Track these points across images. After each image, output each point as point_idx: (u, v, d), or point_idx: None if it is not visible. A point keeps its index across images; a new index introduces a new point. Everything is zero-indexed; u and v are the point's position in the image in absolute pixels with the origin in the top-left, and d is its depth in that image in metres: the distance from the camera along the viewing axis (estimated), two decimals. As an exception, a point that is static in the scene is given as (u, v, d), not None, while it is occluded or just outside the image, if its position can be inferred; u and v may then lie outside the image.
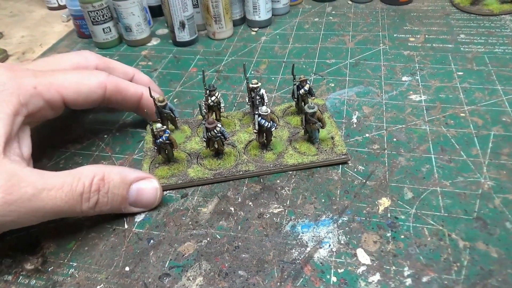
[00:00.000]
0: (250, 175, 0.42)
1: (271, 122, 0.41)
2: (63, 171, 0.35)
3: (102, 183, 0.35)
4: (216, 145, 0.42)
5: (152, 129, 0.40)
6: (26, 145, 0.36)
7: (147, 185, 0.39)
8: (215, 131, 0.40)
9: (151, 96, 0.44)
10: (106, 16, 0.67)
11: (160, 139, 0.40)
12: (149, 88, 0.44)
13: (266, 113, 0.40)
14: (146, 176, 0.39)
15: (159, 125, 0.40)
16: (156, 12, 0.77)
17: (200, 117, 0.49)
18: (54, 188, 0.32)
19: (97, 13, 0.65)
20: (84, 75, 0.42)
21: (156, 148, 0.41)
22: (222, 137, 0.41)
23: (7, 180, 0.31)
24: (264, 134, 0.42)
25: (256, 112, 0.40)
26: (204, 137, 0.41)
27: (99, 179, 0.35)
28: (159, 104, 0.44)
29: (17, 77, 0.36)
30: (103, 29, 0.67)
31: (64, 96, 0.39)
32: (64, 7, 0.86)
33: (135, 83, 0.47)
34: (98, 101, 0.43)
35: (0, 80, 0.35)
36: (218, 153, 0.43)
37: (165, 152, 0.42)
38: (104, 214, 0.39)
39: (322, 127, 0.42)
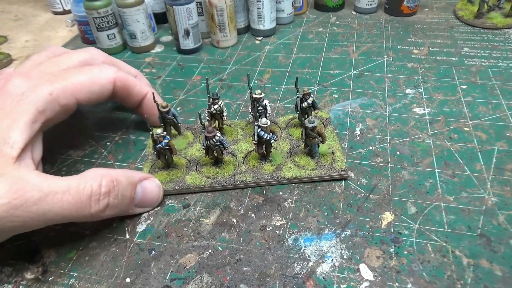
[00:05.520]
0: (246, 186, 0.42)
1: (271, 134, 0.41)
2: (70, 176, 0.34)
3: (112, 185, 0.35)
4: (215, 154, 0.42)
5: (152, 135, 0.40)
6: (38, 148, 0.37)
7: (150, 184, 0.40)
8: (214, 140, 0.40)
9: (154, 101, 0.44)
10: (111, 22, 0.67)
11: (160, 145, 0.40)
12: (153, 93, 0.45)
13: (266, 125, 0.40)
14: (147, 176, 0.40)
15: (159, 130, 0.40)
16: (161, 19, 0.77)
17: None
18: (60, 191, 0.32)
19: (102, 20, 0.66)
20: (95, 73, 0.42)
21: (155, 153, 0.41)
22: (221, 146, 0.41)
23: (14, 185, 0.31)
24: (264, 145, 0.42)
25: (256, 124, 0.40)
26: (203, 145, 0.41)
27: (108, 181, 0.35)
28: (162, 109, 0.44)
29: (35, 85, 0.37)
30: (108, 36, 0.68)
31: (78, 98, 0.40)
32: (68, 12, 0.87)
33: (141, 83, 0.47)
34: (108, 97, 0.44)
35: (19, 90, 0.36)
36: (217, 162, 0.43)
37: (165, 158, 0.42)
38: (106, 223, 0.39)
39: (322, 142, 0.42)
